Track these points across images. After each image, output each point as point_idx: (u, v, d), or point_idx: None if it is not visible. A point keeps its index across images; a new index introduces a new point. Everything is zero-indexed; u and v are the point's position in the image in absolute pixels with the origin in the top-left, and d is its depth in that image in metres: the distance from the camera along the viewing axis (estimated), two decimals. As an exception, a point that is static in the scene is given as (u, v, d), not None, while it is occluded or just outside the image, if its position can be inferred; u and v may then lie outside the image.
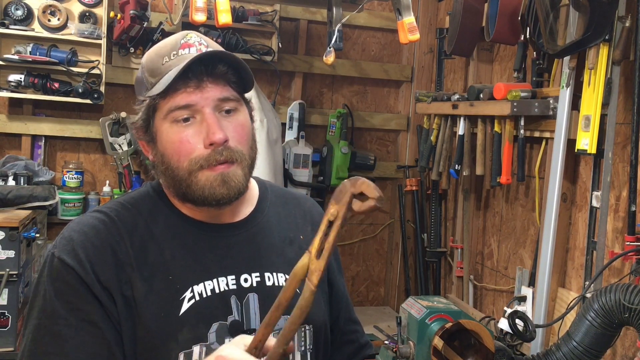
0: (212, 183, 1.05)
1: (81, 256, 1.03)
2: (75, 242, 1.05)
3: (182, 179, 1.07)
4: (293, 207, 1.27)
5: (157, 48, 1.12)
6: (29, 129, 3.25)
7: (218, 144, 1.04)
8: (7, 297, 2.57)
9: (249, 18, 3.36)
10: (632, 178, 2.06)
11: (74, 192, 3.26)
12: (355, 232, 3.90)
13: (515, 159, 2.62)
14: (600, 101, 2.13)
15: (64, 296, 1.02)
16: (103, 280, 1.03)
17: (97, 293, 1.02)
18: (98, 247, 1.05)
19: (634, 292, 1.80)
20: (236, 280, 1.11)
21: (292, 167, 3.50)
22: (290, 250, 1.19)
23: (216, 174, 1.05)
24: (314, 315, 1.17)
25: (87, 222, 1.08)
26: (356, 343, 1.33)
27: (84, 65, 3.17)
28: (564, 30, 2.18)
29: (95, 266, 1.03)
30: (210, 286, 1.08)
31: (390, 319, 3.51)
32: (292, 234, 1.22)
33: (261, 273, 1.14)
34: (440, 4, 3.75)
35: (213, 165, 1.05)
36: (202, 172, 1.05)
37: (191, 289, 1.07)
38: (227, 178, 1.06)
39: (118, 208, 1.12)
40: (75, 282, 1.02)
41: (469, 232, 3.18)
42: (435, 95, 3.15)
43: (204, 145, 1.05)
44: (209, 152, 1.05)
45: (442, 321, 2.29)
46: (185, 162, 1.06)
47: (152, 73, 1.09)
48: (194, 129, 1.06)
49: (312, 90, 3.75)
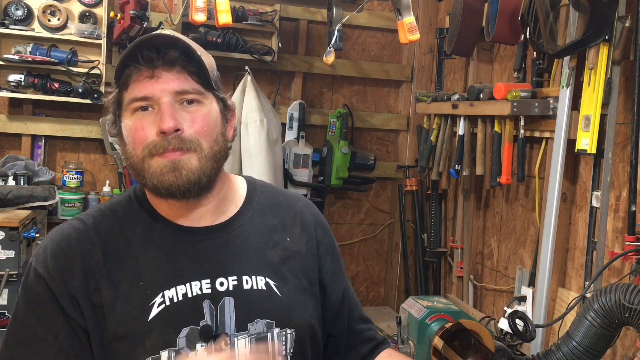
0: (162, 169, 1.05)
1: (51, 266, 1.05)
2: (48, 252, 1.07)
3: (137, 167, 1.07)
4: (282, 209, 1.25)
5: None
6: (29, 129, 3.25)
7: (168, 132, 1.03)
8: (7, 297, 2.57)
9: (249, 18, 3.36)
10: (632, 178, 2.06)
11: (74, 192, 3.26)
12: (355, 232, 3.90)
13: (515, 159, 2.62)
14: (600, 101, 2.13)
15: (33, 306, 1.05)
16: (71, 288, 1.04)
17: (64, 304, 1.04)
18: (68, 255, 1.06)
19: (634, 292, 1.80)
20: (211, 284, 1.09)
21: (292, 167, 3.50)
22: (273, 253, 1.17)
23: (166, 160, 1.05)
24: (297, 319, 1.15)
25: (62, 231, 1.10)
26: (373, 340, 1.31)
27: (84, 65, 3.17)
28: (564, 30, 2.18)
29: (64, 275, 1.05)
30: (182, 290, 1.07)
31: (390, 319, 3.51)
32: (277, 236, 1.20)
33: (239, 276, 1.12)
34: (440, 4, 3.75)
35: (162, 153, 1.05)
36: (153, 159, 1.05)
37: (162, 294, 1.06)
38: (178, 165, 1.05)
39: (96, 214, 1.13)
40: (44, 292, 1.04)
41: (469, 232, 3.18)
42: (435, 95, 3.15)
43: (155, 133, 1.05)
44: (159, 139, 1.04)
45: (442, 321, 2.30)
46: (139, 149, 1.06)
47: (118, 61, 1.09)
48: (150, 118, 1.06)
49: (312, 90, 3.75)
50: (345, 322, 1.28)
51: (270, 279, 1.14)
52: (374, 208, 3.92)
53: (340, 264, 1.31)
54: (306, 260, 1.22)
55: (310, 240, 1.24)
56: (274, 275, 1.15)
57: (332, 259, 1.27)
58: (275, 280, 1.15)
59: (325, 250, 1.26)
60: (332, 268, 1.27)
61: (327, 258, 1.26)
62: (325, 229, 1.29)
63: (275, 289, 1.14)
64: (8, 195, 2.85)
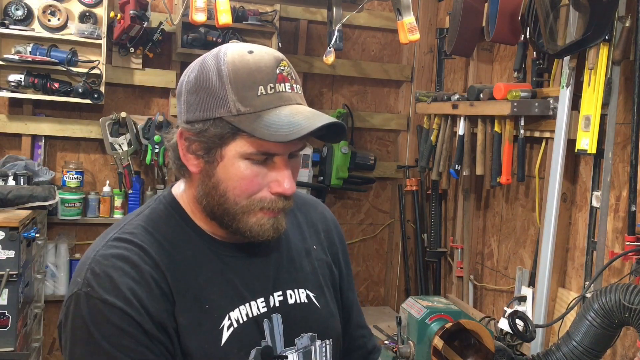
0: (264, 225, 1.03)
1: (126, 293, 0.96)
2: (115, 279, 0.97)
3: (233, 213, 1.02)
4: (305, 214, 1.24)
5: (247, 65, 0.99)
6: (29, 129, 3.25)
7: (288, 195, 1.02)
8: (7, 297, 2.56)
9: (249, 18, 3.36)
10: (632, 178, 2.06)
11: (74, 192, 3.26)
12: (355, 232, 3.90)
13: (515, 159, 2.62)
14: (600, 101, 2.13)
15: (116, 340, 0.95)
16: (154, 313, 0.97)
17: (150, 329, 0.97)
18: (139, 280, 0.98)
19: (634, 292, 1.80)
20: (265, 302, 1.09)
21: (292, 167, 3.49)
22: (307, 264, 1.18)
23: (269, 217, 1.03)
24: (333, 329, 1.17)
25: (118, 254, 1.00)
26: (363, 348, 1.32)
27: (84, 65, 3.16)
28: (564, 30, 2.18)
29: (144, 301, 0.97)
30: (244, 311, 1.06)
31: (390, 319, 3.50)
32: (307, 244, 1.20)
33: (283, 291, 1.11)
34: (440, 4, 3.75)
35: (270, 210, 1.03)
36: (258, 213, 1.02)
37: (228, 317, 1.04)
38: (279, 224, 1.04)
39: (142, 233, 1.04)
40: (124, 322, 0.95)
41: (469, 232, 3.18)
42: (435, 95, 3.15)
43: (269, 190, 1.01)
44: (272, 198, 1.02)
45: (442, 321, 2.29)
46: (245, 201, 1.01)
47: (240, 96, 0.97)
48: (264, 170, 1.01)
49: (312, 90, 3.75)
50: (351, 327, 1.29)
51: (310, 290, 1.15)
52: (374, 208, 3.92)
53: (350, 267, 1.32)
54: (330, 267, 1.23)
55: (331, 247, 1.25)
56: (312, 286, 1.16)
57: (347, 266, 1.29)
58: (314, 291, 1.16)
59: (342, 256, 1.28)
60: (347, 274, 1.29)
61: (344, 265, 1.28)
62: (341, 234, 1.30)
63: (315, 301, 1.15)
64: (8, 195, 2.84)
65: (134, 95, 3.44)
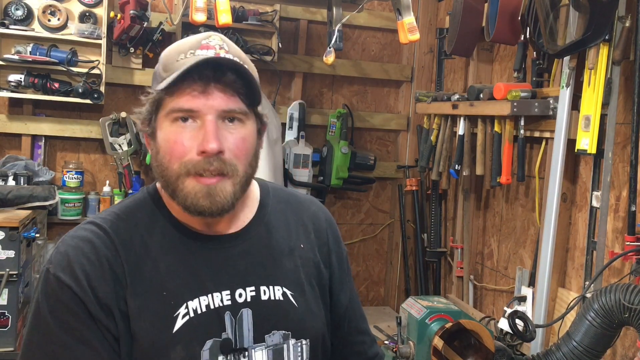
0: (197, 194, 1.02)
1: (77, 273, 1.01)
2: (71, 258, 1.02)
3: (170, 181, 1.04)
4: (296, 213, 1.23)
5: (177, 44, 1.08)
6: (29, 129, 3.25)
7: (210, 153, 1.01)
8: (7, 297, 2.57)
9: (249, 18, 3.36)
10: (632, 178, 2.06)
11: (74, 192, 3.26)
12: (355, 232, 3.90)
13: (515, 159, 2.62)
14: (600, 101, 2.13)
15: (59, 315, 1.00)
16: (101, 296, 1.01)
17: (94, 311, 1.00)
18: (94, 262, 1.03)
19: (634, 292, 1.80)
20: (231, 295, 1.08)
21: (292, 167, 3.50)
22: (288, 261, 1.16)
23: (202, 185, 1.02)
24: (311, 329, 1.15)
25: (82, 236, 1.06)
26: (363, 355, 1.30)
27: (84, 65, 3.16)
28: (564, 30, 2.18)
29: (93, 282, 1.01)
30: (205, 302, 1.06)
31: (390, 319, 3.51)
32: (292, 242, 1.18)
33: (257, 287, 1.11)
34: (440, 4, 3.75)
35: (200, 175, 1.02)
36: (188, 179, 1.02)
37: (185, 305, 1.05)
38: (213, 192, 1.02)
39: (113, 219, 1.09)
40: (71, 300, 1.00)
41: (469, 232, 3.18)
42: (435, 95, 3.15)
43: (196, 152, 1.01)
44: (199, 159, 1.01)
45: (442, 321, 2.30)
46: (176, 164, 1.03)
47: (166, 68, 1.05)
48: (191, 133, 1.02)
49: (312, 90, 3.75)
50: (343, 332, 1.27)
51: (287, 288, 1.13)
52: (374, 208, 3.92)
53: (348, 271, 1.29)
54: (318, 267, 1.21)
55: (322, 247, 1.23)
56: (291, 284, 1.14)
57: (341, 267, 1.26)
58: (292, 289, 1.14)
59: (336, 257, 1.25)
60: (340, 276, 1.26)
61: (337, 266, 1.25)
62: (336, 235, 1.28)
63: (292, 299, 1.13)
64: (8, 195, 2.84)
65: (134, 95, 3.44)
